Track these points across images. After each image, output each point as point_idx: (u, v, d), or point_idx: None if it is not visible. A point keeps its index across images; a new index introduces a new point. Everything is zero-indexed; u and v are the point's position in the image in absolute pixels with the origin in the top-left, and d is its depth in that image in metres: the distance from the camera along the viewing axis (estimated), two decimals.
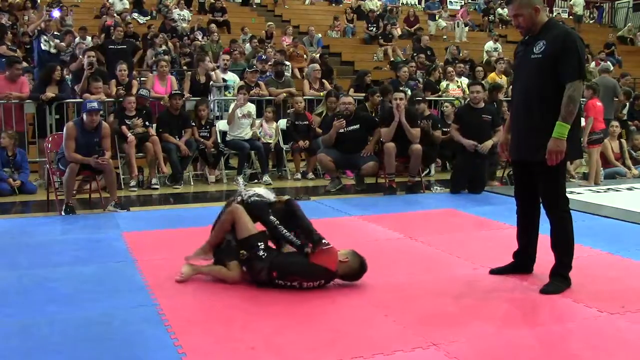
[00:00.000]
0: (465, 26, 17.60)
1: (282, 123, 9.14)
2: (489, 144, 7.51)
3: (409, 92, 9.15)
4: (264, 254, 3.88)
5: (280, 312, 3.50)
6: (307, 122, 8.96)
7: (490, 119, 7.65)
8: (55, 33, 10.40)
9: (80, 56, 9.12)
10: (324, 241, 3.88)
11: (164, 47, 11.90)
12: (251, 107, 8.78)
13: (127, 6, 15.18)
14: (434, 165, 9.29)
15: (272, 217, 3.98)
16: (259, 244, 3.92)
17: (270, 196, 4.20)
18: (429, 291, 3.86)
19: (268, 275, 3.86)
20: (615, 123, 9.31)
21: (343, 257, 3.89)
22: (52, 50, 9.95)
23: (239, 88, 8.98)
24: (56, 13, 12.65)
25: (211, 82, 9.49)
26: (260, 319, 3.39)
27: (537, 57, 3.76)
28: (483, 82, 10.91)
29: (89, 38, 11.80)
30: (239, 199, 4.16)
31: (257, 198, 4.13)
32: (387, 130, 7.48)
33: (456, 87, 10.75)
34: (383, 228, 5.63)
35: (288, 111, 9.48)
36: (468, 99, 8.14)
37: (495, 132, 7.64)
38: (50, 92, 8.09)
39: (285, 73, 10.46)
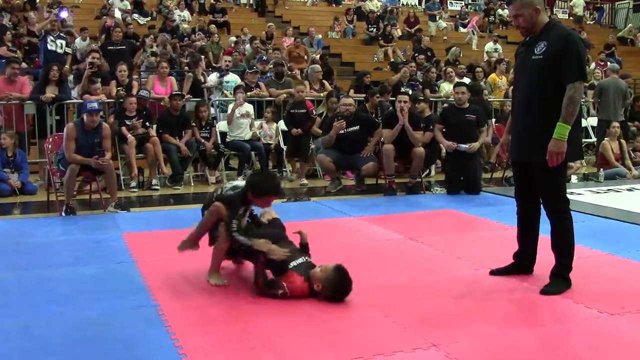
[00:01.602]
0: (474, 34, 17.29)
1: (282, 124, 9.13)
2: (476, 145, 7.53)
3: (410, 92, 9.16)
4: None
5: (280, 312, 3.50)
6: (304, 111, 8.72)
7: (475, 118, 7.66)
8: (61, 34, 10.41)
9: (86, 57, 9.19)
10: (279, 293, 3.68)
11: (154, 48, 11.88)
12: (249, 107, 8.78)
13: (129, 7, 15.18)
14: (434, 166, 9.29)
15: (234, 221, 3.84)
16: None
17: None
18: (429, 292, 3.86)
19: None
20: (615, 124, 9.31)
21: (316, 284, 3.65)
22: (59, 50, 9.97)
23: (236, 88, 8.99)
24: (64, 14, 12.66)
25: (204, 84, 9.52)
26: (260, 319, 3.39)
27: (538, 58, 3.76)
28: (483, 82, 10.98)
29: (88, 39, 11.84)
30: (219, 192, 4.09)
31: (231, 192, 3.99)
32: (390, 132, 7.47)
33: None
34: (383, 229, 5.62)
35: (280, 103, 9.38)
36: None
37: (480, 132, 7.67)
38: (50, 93, 8.10)
39: (287, 72, 10.46)
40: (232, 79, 9.85)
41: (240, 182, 4.19)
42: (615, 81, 10.23)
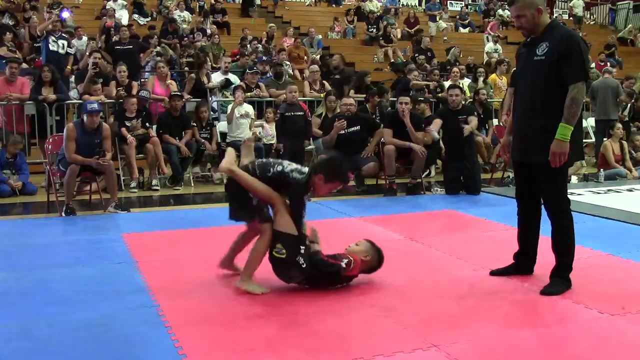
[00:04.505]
0: (495, 41, 15.99)
1: None
2: (467, 128, 7.47)
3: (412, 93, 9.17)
4: (304, 264, 3.67)
5: (281, 313, 3.50)
6: (301, 113, 8.37)
7: (466, 118, 7.62)
8: (63, 34, 10.42)
9: (86, 57, 9.22)
10: (344, 264, 3.77)
11: (158, 49, 11.91)
12: (248, 108, 8.78)
13: (126, 7, 15.18)
14: (434, 167, 9.28)
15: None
16: (301, 247, 3.69)
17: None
18: (429, 292, 3.86)
19: (298, 282, 3.83)
20: (618, 125, 9.31)
21: (364, 255, 3.92)
22: (61, 51, 9.98)
23: (235, 88, 8.99)
24: (66, 14, 12.66)
25: (208, 84, 9.53)
26: (260, 320, 3.39)
27: (540, 59, 3.75)
28: (484, 83, 10.98)
29: (85, 38, 11.86)
30: (278, 168, 3.79)
31: (298, 175, 3.75)
32: (391, 132, 7.47)
33: None
34: (383, 229, 5.62)
35: (282, 103, 9.00)
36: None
37: (468, 121, 7.62)
38: (45, 94, 8.11)
39: (287, 71, 10.41)
40: (233, 79, 9.86)
41: (300, 167, 3.90)
42: (605, 81, 10.27)
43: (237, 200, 3.86)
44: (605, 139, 9.36)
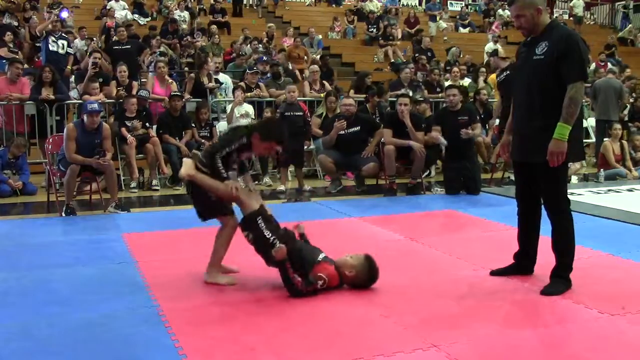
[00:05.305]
0: (495, 41, 15.81)
1: None
2: (471, 133, 7.49)
3: (410, 93, 9.15)
4: (274, 241, 3.74)
5: (281, 312, 3.50)
6: (300, 114, 8.24)
7: (467, 119, 7.61)
8: (63, 34, 10.42)
9: (87, 57, 9.23)
10: (314, 285, 3.72)
11: (162, 49, 11.93)
12: (248, 107, 8.79)
13: (127, 7, 15.19)
14: (434, 167, 9.28)
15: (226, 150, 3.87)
16: (258, 218, 3.80)
17: None
18: (429, 292, 3.86)
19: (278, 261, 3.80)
20: (617, 125, 9.31)
21: (349, 270, 3.80)
22: (61, 51, 9.98)
23: (234, 88, 9.00)
24: (65, 14, 12.68)
25: (208, 84, 9.55)
26: (260, 319, 3.39)
27: (540, 59, 3.75)
28: (485, 82, 10.98)
29: (86, 38, 11.87)
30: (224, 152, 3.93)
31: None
32: (391, 132, 7.48)
33: None
34: (383, 229, 5.62)
35: (281, 103, 8.90)
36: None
37: (472, 128, 7.62)
38: (45, 94, 8.11)
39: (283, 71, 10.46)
40: (223, 79, 9.87)
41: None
42: (608, 81, 10.23)
43: (198, 200, 4.05)
44: (605, 139, 9.36)
